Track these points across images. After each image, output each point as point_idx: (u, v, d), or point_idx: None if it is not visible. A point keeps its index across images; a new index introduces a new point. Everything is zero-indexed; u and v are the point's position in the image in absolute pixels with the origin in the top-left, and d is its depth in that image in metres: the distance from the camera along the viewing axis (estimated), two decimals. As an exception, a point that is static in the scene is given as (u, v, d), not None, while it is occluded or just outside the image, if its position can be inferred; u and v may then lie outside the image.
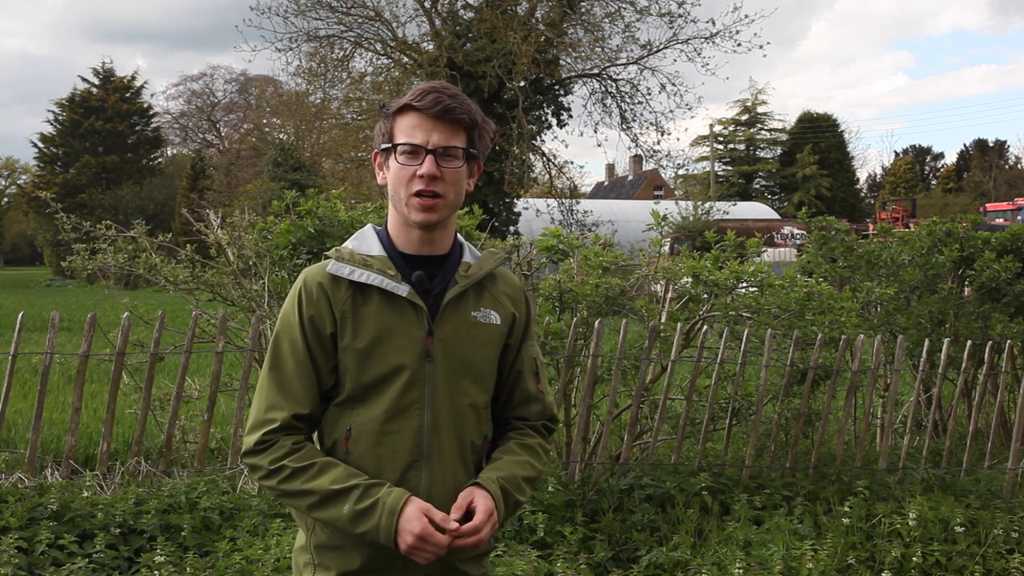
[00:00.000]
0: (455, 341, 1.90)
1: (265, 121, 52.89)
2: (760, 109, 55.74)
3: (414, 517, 1.76)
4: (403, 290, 1.86)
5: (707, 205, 33.77)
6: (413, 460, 1.87)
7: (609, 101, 26.57)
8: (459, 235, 2.00)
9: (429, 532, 1.75)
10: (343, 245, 1.94)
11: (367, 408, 1.86)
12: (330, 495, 1.78)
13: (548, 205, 26.93)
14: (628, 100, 26.44)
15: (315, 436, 1.94)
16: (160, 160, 56.63)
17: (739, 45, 25.13)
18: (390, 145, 1.86)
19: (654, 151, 26.89)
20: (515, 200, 26.18)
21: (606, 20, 25.59)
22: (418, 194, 1.83)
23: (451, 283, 1.91)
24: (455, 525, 1.78)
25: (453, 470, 1.91)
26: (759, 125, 56.30)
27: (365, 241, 1.93)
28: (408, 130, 1.84)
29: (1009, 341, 6.03)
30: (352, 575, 1.88)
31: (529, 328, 2.06)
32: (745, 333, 5.34)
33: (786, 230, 32.50)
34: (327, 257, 1.93)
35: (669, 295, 5.90)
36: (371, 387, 1.86)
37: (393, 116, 1.87)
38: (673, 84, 25.78)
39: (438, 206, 1.85)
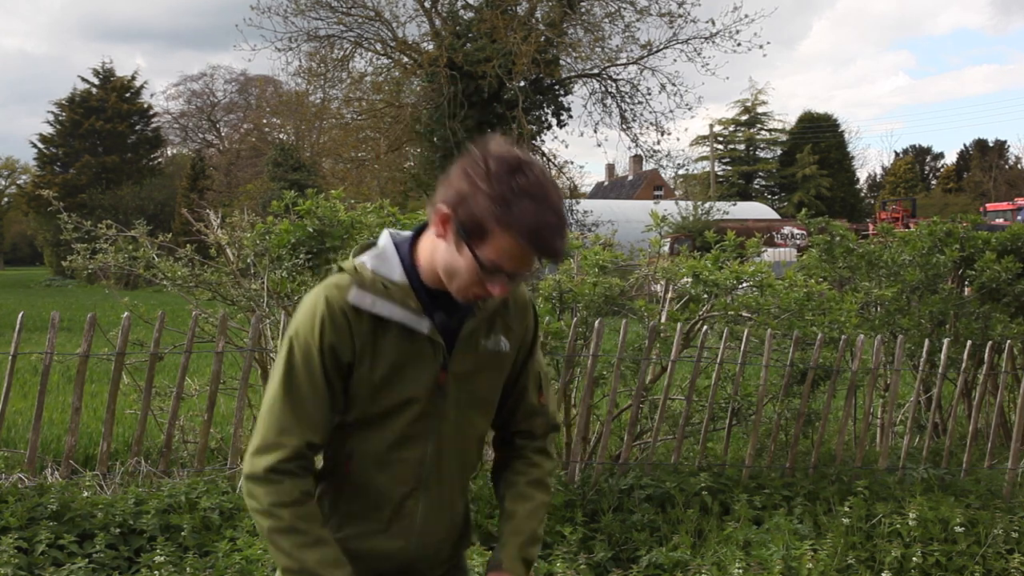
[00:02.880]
0: (467, 375, 1.88)
1: (265, 121, 52.91)
2: (760, 109, 55.76)
3: None
4: (424, 327, 1.81)
5: (707, 205, 33.74)
6: (413, 488, 1.87)
7: (609, 101, 26.63)
8: None
9: None
10: (362, 260, 1.82)
11: (372, 434, 1.84)
12: (314, 565, 1.74)
13: (548, 205, 26.86)
14: (628, 100, 26.50)
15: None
16: (160, 160, 56.61)
17: (739, 45, 25.20)
18: (475, 255, 1.69)
19: (654, 151, 26.95)
20: (515, 200, 26.11)
21: (606, 20, 25.64)
22: (476, 294, 1.77)
23: (468, 315, 1.86)
24: None
25: (451, 497, 1.92)
26: (759, 125, 56.30)
27: (387, 262, 1.82)
28: (504, 255, 1.68)
29: (1009, 341, 6.03)
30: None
31: (536, 342, 2.02)
32: (745, 333, 5.34)
33: (786, 230, 32.49)
34: (342, 269, 1.83)
35: (669, 295, 5.90)
36: (380, 415, 1.83)
37: (495, 223, 1.66)
38: (673, 84, 25.84)
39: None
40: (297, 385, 1.77)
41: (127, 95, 53.70)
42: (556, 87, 26.15)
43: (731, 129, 56.34)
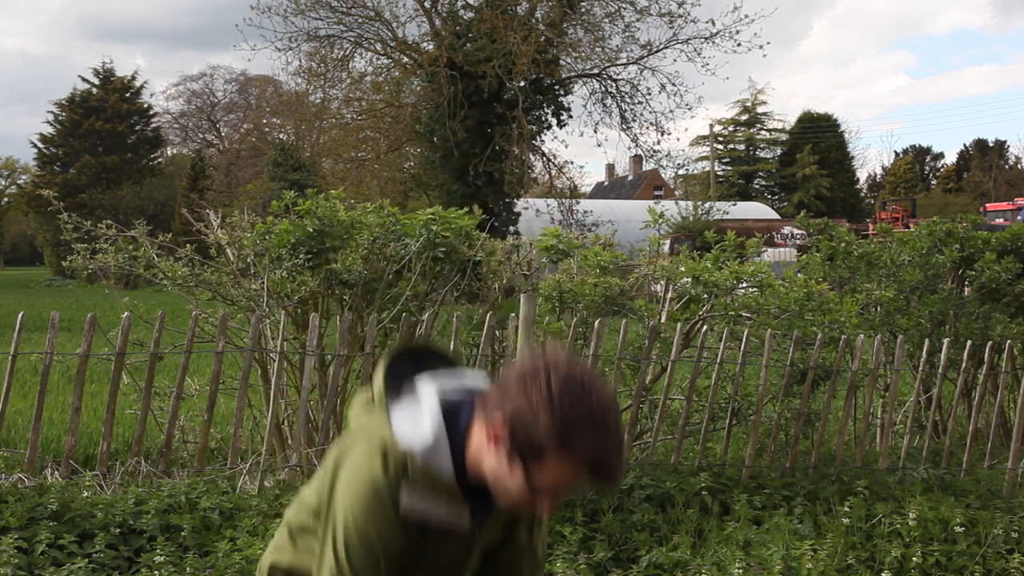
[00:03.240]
0: (488, 539, 1.94)
1: (265, 121, 52.90)
2: (760, 109, 55.78)
3: None
4: (465, 522, 1.82)
5: (707, 205, 33.77)
6: None
7: (609, 101, 26.60)
8: None
9: None
10: (413, 447, 1.74)
11: None
12: None
13: (548, 205, 26.93)
14: (628, 100, 26.48)
15: None
16: (160, 160, 56.59)
17: (739, 45, 25.18)
18: (529, 476, 1.66)
19: (654, 151, 26.93)
20: (515, 200, 26.17)
21: (606, 20, 25.61)
22: (522, 508, 1.76)
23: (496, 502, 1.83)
24: None
25: None
26: (759, 125, 56.31)
27: (439, 454, 1.74)
28: (558, 480, 1.66)
29: (1009, 341, 6.03)
30: None
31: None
32: (745, 333, 5.34)
33: (786, 230, 32.50)
34: (386, 450, 1.74)
35: (669, 295, 5.90)
36: None
37: (553, 448, 1.62)
38: (673, 84, 25.82)
39: None
40: (356, 566, 1.74)
41: (127, 95, 53.69)
42: (556, 87, 26.13)
43: (731, 129, 56.35)
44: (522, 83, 24.49)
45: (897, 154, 69.62)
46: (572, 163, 46.36)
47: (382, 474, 1.72)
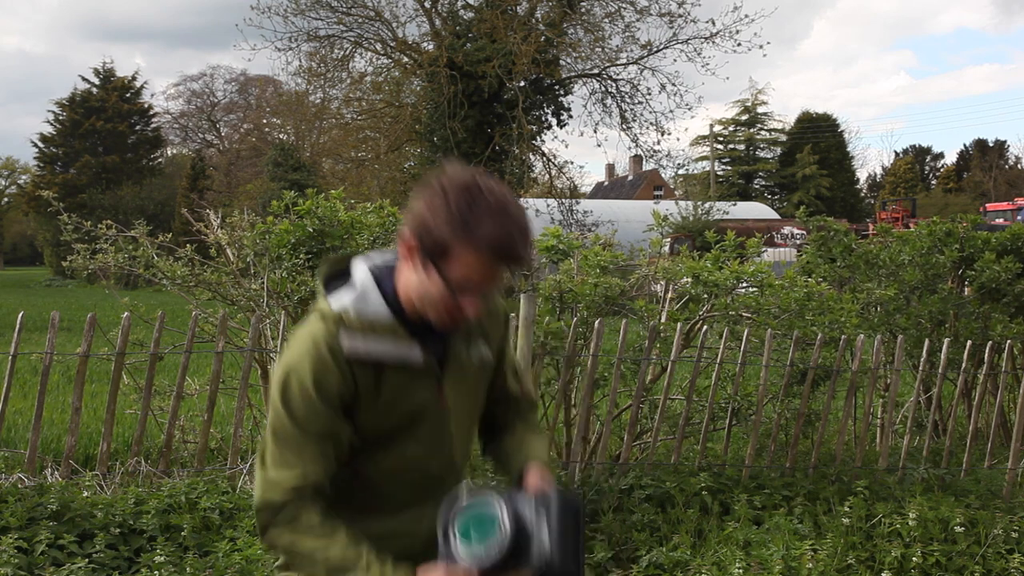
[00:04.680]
0: (458, 386, 1.93)
1: (265, 121, 52.91)
2: (760, 109, 55.76)
3: (426, 571, 1.73)
4: (417, 357, 1.85)
5: (707, 205, 33.75)
6: (421, 500, 1.92)
7: (609, 101, 26.58)
8: None
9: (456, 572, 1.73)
10: (345, 305, 1.82)
11: (378, 456, 1.87)
12: (338, 562, 1.74)
13: (548, 205, 26.91)
14: (628, 100, 26.45)
15: None
16: (160, 160, 56.58)
17: (739, 45, 25.15)
18: (443, 276, 1.74)
19: (654, 151, 26.89)
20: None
21: (606, 20, 25.60)
22: (451, 318, 1.81)
23: (454, 335, 1.91)
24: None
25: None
26: (759, 125, 56.30)
27: (367, 300, 1.83)
28: (470, 271, 1.73)
29: (1009, 341, 6.03)
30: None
31: (508, 338, 2.09)
32: (745, 333, 5.34)
33: (786, 230, 32.48)
34: (323, 315, 1.84)
35: (669, 295, 5.90)
36: (383, 439, 1.87)
37: (456, 241, 1.71)
38: (673, 84, 25.80)
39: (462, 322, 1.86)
40: (301, 424, 1.78)
41: (127, 95, 53.70)
42: (556, 87, 26.13)
43: (731, 129, 56.34)
44: (522, 83, 24.50)
45: (897, 154, 69.67)
46: (572, 163, 46.47)
47: (321, 328, 1.82)
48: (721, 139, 55.62)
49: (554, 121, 26.41)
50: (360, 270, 1.87)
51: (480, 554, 1.71)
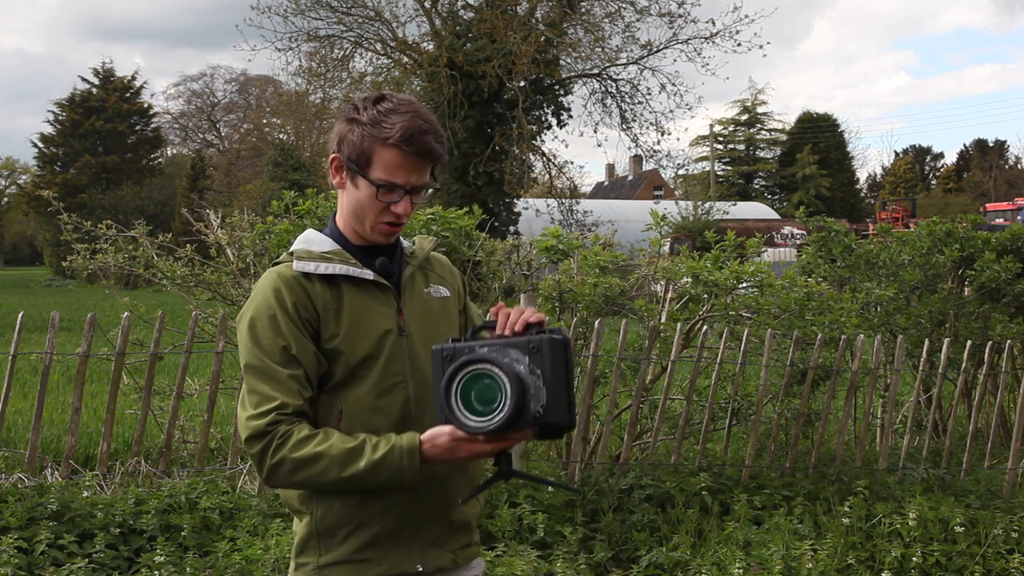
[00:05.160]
0: (421, 316, 2.01)
1: (265, 121, 52.89)
2: (760, 109, 55.74)
3: (433, 434, 1.79)
4: (368, 274, 1.95)
5: (707, 205, 33.75)
6: (405, 429, 1.92)
7: (609, 101, 26.57)
8: None
9: (460, 434, 1.77)
10: (294, 248, 1.98)
11: (355, 389, 1.91)
12: (344, 454, 1.80)
13: (548, 205, 26.91)
14: (628, 100, 26.44)
15: None
16: (160, 160, 56.56)
17: (739, 45, 25.13)
18: (368, 179, 1.90)
19: (654, 151, 26.88)
20: (515, 200, 26.16)
21: (606, 20, 25.59)
22: (387, 223, 1.94)
23: (403, 266, 2.04)
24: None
25: None
26: (759, 125, 56.28)
27: (314, 243, 1.98)
28: (390, 168, 1.89)
29: (1009, 341, 6.03)
30: (361, 551, 1.90)
31: (467, 292, 2.21)
32: (745, 333, 5.34)
33: (786, 230, 32.48)
34: (279, 263, 1.97)
35: (669, 295, 5.90)
36: (356, 368, 1.91)
37: (373, 143, 1.88)
38: (673, 84, 25.79)
39: (400, 230, 1.99)
40: (271, 353, 1.86)
41: (127, 95, 53.68)
42: (556, 87, 26.12)
43: (731, 129, 56.31)
44: (522, 83, 24.49)
45: (897, 154, 69.63)
46: (572, 163, 46.31)
47: (274, 270, 1.96)
48: (721, 139, 55.60)
49: (554, 121, 26.41)
50: (307, 231, 2.04)
51: (483, 421, 1.73)
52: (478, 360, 1.75)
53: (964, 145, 72.47)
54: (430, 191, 1.99)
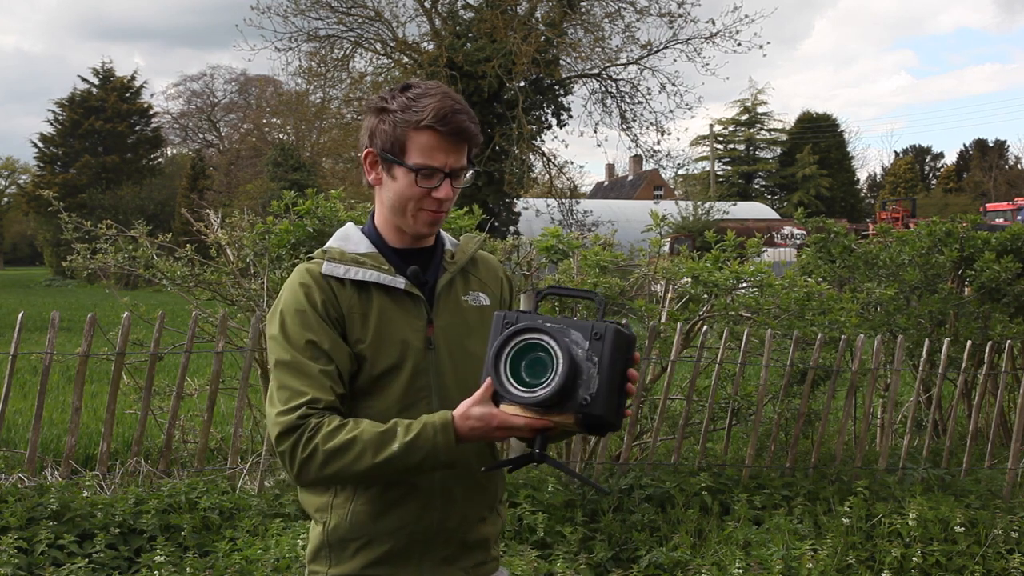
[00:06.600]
0: (453, 328, 1.93)
1: (265, 121, 52.86)
2: (760, 109, 55.74)
3: (466, 407, 1.73)
4: (399, 283, 1.88)
5: (707, 205, 33.75)
6: None
7: (609, 101, 26.58)
8: None
9: (493, 408, 1.72)
10: (329, 245, 1.94)
11: (376, 400, 1.86)
12: (377, 437, 1.74)
13: (548, 205, 26.91)
14: (628, 100, 26.45)
15: None
16: (160, 160, 56.53)
17: (739, 45, 25.14)
18: (406, 165, 1.84)
19: (654, 151, 26.88)
20: (515, 200, 26.17)
21: (606, 20, 25.60)
22: (429, 210, 1.88)
23: (440, 272, 1.95)
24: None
25: (465, 461, 1.91)
26: (759, 125, 56.29)
27: (351, 240, 1.94)
28: (427, 151, 1.83)
29: (1009, 341, 6.03)
30: (370, 567, 1.87)
31: (513, 300, 2.11)
32: (745, 333, 5.34)
33: (786, 230, 32.48)
34: (312, 259, 1.93)
35: (669, 295, 5.90)
36: (380, 379, 1.86)
37: (406, 128, 1.84)
38: (673, 84, 25.79)
39: (443, 219, 1.92)
40: (301, 348, 1.81)
41: (127, 95, 53.65)
42: (556, 87, 26.13)
43: (731, 129, 56.32)
44: (522, 83, 24.50)
45: (897, 154, 69.63)
46: (572, 163, 46.24)
47: (305, 266, 1.92)
48: (721, 139, 55.60)
49: (554, 121, 26.43)
50: (347, 225, 2.01)
51: (526, 392, 1.66)
52: (536, 330, 1.68)
53: (964, 145, 72.50)
54: (470, 174, 1.91)
